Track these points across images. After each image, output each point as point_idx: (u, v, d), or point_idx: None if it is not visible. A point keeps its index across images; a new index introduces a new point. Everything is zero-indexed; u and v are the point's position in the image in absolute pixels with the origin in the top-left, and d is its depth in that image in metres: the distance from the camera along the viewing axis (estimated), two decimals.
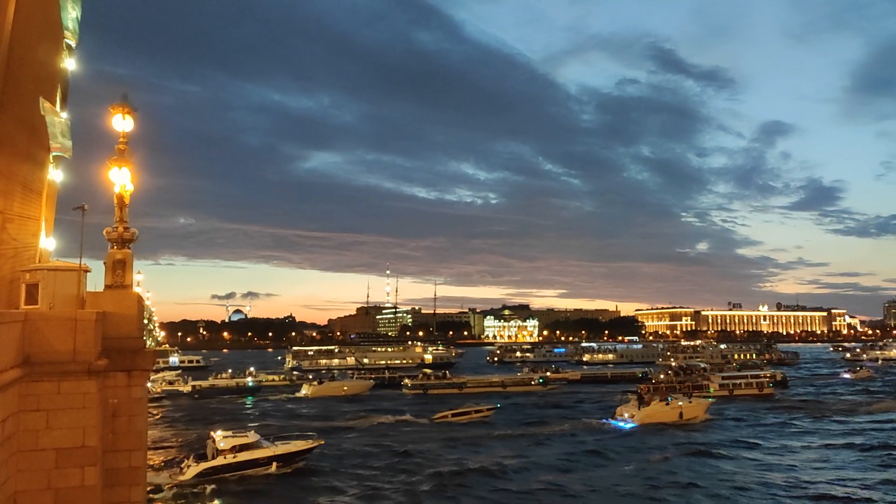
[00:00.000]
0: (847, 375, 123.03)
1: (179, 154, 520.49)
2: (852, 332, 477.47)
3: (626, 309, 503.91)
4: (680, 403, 66.07)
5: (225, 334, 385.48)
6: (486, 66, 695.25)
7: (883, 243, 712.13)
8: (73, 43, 25.51)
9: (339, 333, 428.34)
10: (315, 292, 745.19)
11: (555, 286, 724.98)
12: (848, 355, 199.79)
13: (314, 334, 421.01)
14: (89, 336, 16.38)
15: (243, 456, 39.83)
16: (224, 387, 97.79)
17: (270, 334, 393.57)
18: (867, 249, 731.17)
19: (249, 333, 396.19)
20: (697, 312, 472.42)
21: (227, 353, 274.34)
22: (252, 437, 41.46)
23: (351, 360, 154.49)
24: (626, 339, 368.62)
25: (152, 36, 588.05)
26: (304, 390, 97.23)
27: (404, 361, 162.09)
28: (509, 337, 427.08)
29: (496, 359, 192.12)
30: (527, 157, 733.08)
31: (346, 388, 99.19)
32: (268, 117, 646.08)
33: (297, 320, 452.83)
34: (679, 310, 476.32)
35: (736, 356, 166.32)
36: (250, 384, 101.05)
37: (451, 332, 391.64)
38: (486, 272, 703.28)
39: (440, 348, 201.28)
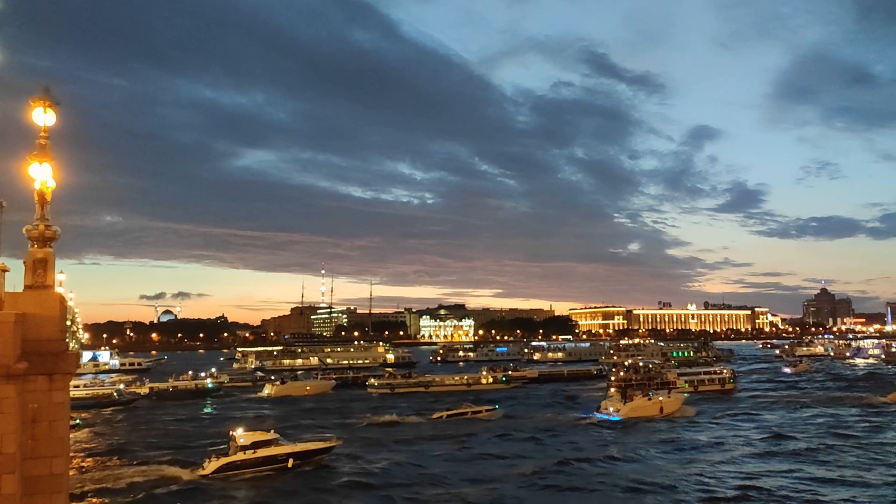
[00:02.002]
0: (788, 370, 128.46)
1: (106, 150, 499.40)
2: (774, 329, 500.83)
3: (561, 308, 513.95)
4: (660, 398, 68.10)
5: (154, 336, 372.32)
6: (422, 67, 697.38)
7: (802, 244, 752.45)
8: None
9: (273, 334, 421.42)
10: (249, 292, 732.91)
11: (490, 286, 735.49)
12: (777, 352, 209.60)
13: (247, 335, 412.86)
14: (7, 339, 15.60)
15: (262, 452, 40.45)
16: (184, 388, 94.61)
17: (202, 335, 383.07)
18: (788, 250, 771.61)
19: (180, 334, 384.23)
20: (629, 311, 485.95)
21: (156, 354, 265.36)
22: (271, 434, 42.18)
23: (314, 361, 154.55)
24: (561, 337, 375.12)
25: (77, 27, 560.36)
26: (267, 390, 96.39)
27: (367, 361, 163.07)
28: (445, 336, 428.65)
29: (439, 358, 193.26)
30: (463, 158, 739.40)
31: (308, 387, 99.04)
32: (199, 114, 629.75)
33: (230, 321, 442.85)
34: (612, 309, 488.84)
35: (675, 354, 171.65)
36: (210, 385, 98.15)
37: (386, 332, 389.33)
38: (423, 272, 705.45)
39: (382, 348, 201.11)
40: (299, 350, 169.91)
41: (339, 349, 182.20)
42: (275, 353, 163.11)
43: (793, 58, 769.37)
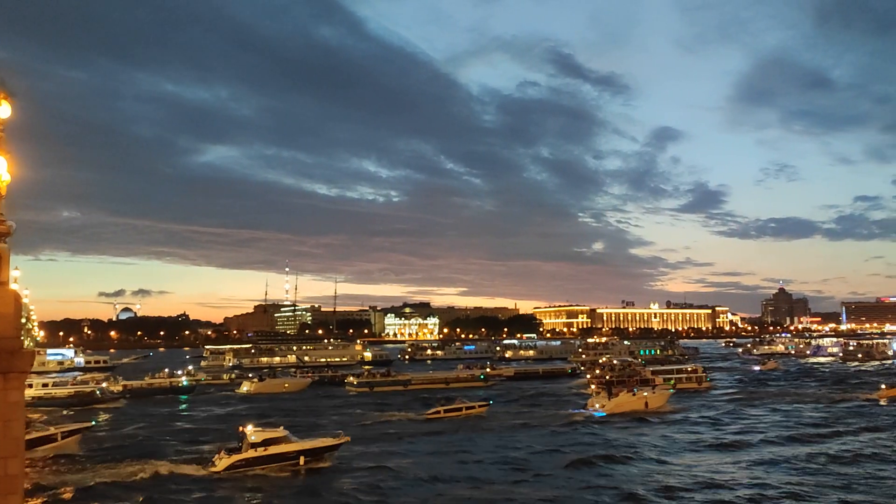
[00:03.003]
0: (757, 368, 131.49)
1: (64, 144, 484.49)
2: (734, 328, 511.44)
3: (525, 307, 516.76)
4: (645, 394, 69.21)
5: (112, 334, 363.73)
6: (388, 64, 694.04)
7: (762, 245, 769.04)
8: None
9: (235, 332, 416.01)
10: (211, 290, 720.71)
11: (456, 284, 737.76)
12: (740, 350, 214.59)
13: (209, 333, 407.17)
14: None
15: (273, 450, 40.44)
16: (159, 386, 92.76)
17: (162, 333, 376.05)
18: (748, 251, 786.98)
19: (139, 332, 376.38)
20: (593, 310, 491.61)
21: (115, 352, 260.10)
22: (281, 431, 42.14)
23: (292, 358, 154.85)
24: (525, 336, 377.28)
25: (34, 18, 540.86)
26: (245, 387, 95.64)
27: (344, 359, 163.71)
28: (410, 335, 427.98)
29: (408, 356, 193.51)
30: (429, 156, 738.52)
31: (286, 384, 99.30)
32: (161, 108, 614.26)
33: (192, 318, 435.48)
34: (576, 307, 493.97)
35: (642, 352, 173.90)
36: (185, 383, 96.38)
37: (351, 331, 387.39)
38: (388, 270, 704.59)
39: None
40: (277, 348, 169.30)
41: (312, 347, 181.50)
42: (252, 350, 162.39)
43: (753, 61, 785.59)
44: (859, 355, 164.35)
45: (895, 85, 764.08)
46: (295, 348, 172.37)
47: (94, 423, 52.70)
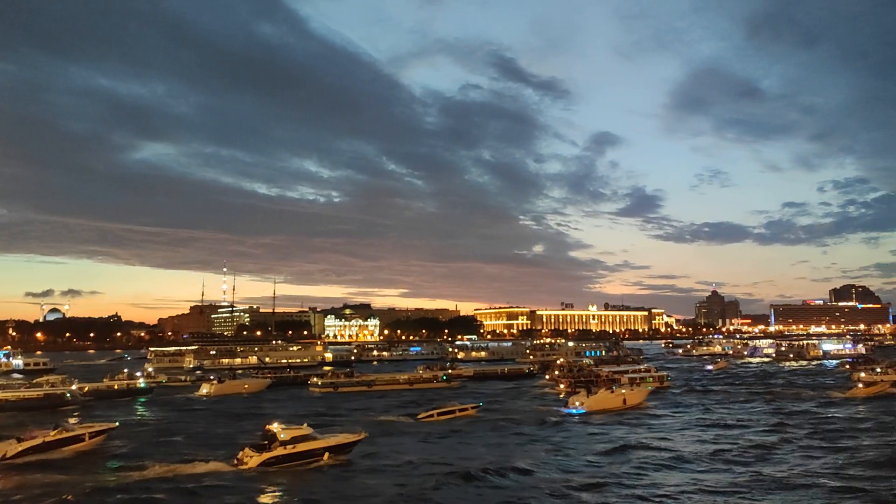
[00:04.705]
0: (710, 367, 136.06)
1: None
2: (669, 329, 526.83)
3: (466, 308, 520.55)
4: (623, 391, 70.89)
5: (39, 335, 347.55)
6: (331, 64, 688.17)
7: (696, 249, 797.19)
8: None
9: (170, 333, 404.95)
10: (145, 290, 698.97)
11: (397, 286, 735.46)
12: (680, 351, 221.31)
13: (143, 334, 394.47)
14: None
15: (301, 447, 40.90)
16: (117, 388, 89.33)
17: (92, 335, 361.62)
18: (683, 254, 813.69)
19: (68, 334, 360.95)
20: (533, 312, 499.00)
21: (41, 354, 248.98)
22: (307, 429, 42.67)
23: (253, 360, 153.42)
24: (466, 337, 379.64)
25: None
26: (204, 389, 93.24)
27: (305, 360, 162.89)
28: (350, 336, 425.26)
29: (353, 358, 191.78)
30: (371, 157, 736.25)
31: (246, 385, 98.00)
32: (95, 103, 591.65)
33: (125, 319, 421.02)
34: (516, 309, 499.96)
35: (588, 353, 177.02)
36: (142, 385, 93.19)
37: (290, 332, 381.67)
38: (329, 271, 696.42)
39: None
40: (239, 349, 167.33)
41: (273, 348, 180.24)
42: (212, 351, 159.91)
43: (688, 70, 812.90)
44: (791, 355, 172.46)
45: (821, 96, 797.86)
46: (257, 349, 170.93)
47: (118, 423, 51.67)
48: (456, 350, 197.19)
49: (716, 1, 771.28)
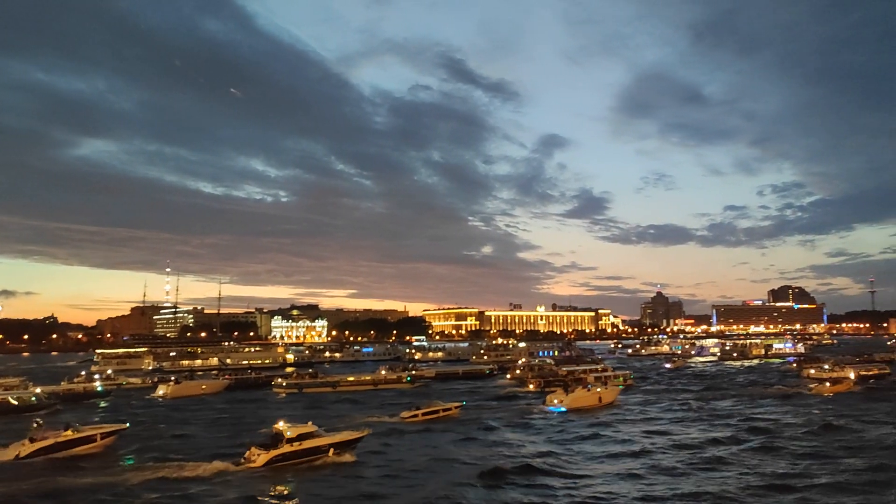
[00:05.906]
0: (668, 366, 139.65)
1: None
2: (615, 330, 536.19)
3: (415, 309, 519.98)
4: (598, 390, 72.56)
5: None
6: (278, 62, 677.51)
7: (641, 250, 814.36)
8: None
9: (109, 335, 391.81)
10: (83, 291, 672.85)
11: (345, 286, 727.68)
12: (629, 351, 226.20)
13: (80, 336, 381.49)
14: None
15: (307, 444, 41.24)
16: (76, 392, 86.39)
17: (26, 337, 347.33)
18: (629, 255, 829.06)
19: (1, 336, 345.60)
20: (482, 313, 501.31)
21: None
22: (311, 427, 42.87)
23: (214, 361, 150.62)
24: (415, 338, 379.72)
25: None
26: (161, 390, 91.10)
27: (267, 361, 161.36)
28: (297, 337, 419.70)
29: (305, 359, 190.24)
30: (319, 156, 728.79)
31: (204, 386, 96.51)
32: (31, 98, 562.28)
33: (61, 321, 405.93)
34: (464, 310, 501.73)
35: (541, 353, 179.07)
36: (99, 389, 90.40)
37: (236, 333, 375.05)
38: (276, 271, 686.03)
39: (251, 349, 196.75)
40: (199, 350, 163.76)
41: (233, 349, 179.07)
42: (172, 353, 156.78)
43: (634, 75, 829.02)
44: (734, 354, 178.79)
45: (761, 103, 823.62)
46: (221, 352, 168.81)
47: (128, 425, 51.03)
48: (413, 350, 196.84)
49: (660, 8, 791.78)
